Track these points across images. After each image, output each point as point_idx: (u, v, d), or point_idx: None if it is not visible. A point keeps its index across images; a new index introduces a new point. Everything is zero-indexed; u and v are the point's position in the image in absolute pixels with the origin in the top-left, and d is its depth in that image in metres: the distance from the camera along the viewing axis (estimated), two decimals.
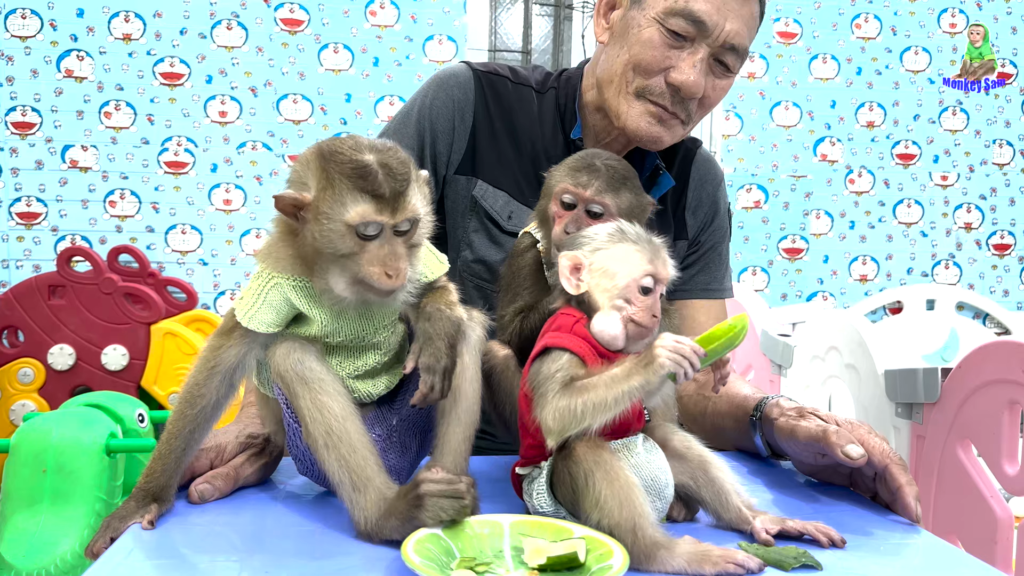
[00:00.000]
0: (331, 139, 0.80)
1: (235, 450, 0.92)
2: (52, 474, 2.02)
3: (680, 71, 1.12)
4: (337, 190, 0.75)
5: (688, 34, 1.11)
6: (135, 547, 0.76)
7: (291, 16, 3.39)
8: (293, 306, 0.82)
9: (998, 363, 1.48)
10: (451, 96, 1.25)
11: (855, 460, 0.86)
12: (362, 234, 0.76)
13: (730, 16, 1.11)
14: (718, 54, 1.13)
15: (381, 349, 0.86)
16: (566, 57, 3.83)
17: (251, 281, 0.83)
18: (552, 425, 0.76)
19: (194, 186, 3.37)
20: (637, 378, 0.74)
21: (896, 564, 0.77)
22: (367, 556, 0.75)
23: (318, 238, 0.76)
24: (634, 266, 0.81)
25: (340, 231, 0.75)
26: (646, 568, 0.72)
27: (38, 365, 3.07)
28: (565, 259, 0.82)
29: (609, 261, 0.82)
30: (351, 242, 0.76)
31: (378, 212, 0.75)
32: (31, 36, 3.25)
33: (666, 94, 1.15)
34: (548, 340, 0.80)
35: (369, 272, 0.76)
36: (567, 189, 0.97)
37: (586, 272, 0.82)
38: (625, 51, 1.16)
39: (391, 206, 0.76)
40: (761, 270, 3.73)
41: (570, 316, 0.82)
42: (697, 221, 1.32)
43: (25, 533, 1.99)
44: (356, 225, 0.75)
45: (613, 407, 0.75)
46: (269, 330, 0.82)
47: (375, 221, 0.75)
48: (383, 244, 0.76)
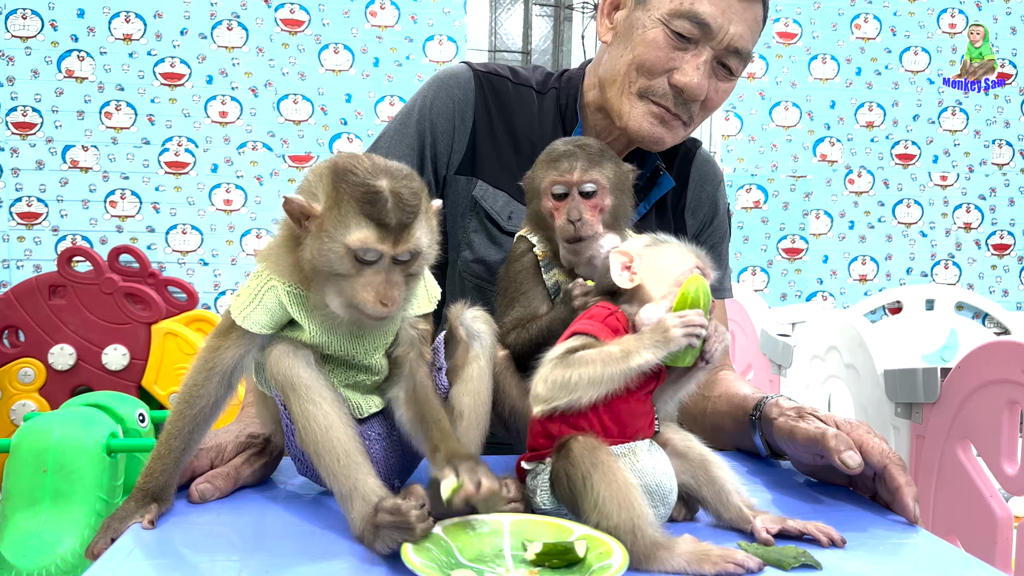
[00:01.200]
0: (350, 155, 0.79)
1: (235, 450, 0.92)
2: (52, 474, 2.02)
3: (684, 73, 1.12)
4: (343, 210, 0.75)
5: (693, 36, 1.11)
6: (135, 547, 0.76)
7: (291, 16, 3.39)
8: (286, 311, 0.82)
9: (998, 363, 1.48)
10: (451, 96, 1.25)
11: (852, 469, 0.87)
12: (360, 259, 0.75)
13: (734, 19, 1.11)
14: (721, 57, 1.13)
15: (373, 371, 0.86)
16: (566, 57, 3.83)
17: (249, 280, 0.83)
18: (541, 391, 0.78)
19: (194, 186, 3.37)
20: (639, 358, 0.76)
21: (896, 564, 0.78)
22: (367, 556, 0.75)
23: (316, 255, 0.76)
24: (684, 259, 0.84)
25: (339, 252, 0.75)
26: (646, 568, 0.72)
27: (39, 365, 3.07)
28: (617, 256, 0.84)
29: (659, 257, 0.84)
30: (348, 264, 0.75)
31: (380, 240, 0.75)
32: (32, 36, 3.26)
33: (669, 95, 1.15)
34: (577, 327, 0.82)
35: (363, 298, 0.76)
36: (555, 180, 0.98)
37: (638, 265, 0.84)
38: (629, 51, 1.16)
39: (394, 236, 0.75)
40: (761, 270, 3.73)
41: (605, 308, 0.83)
42: (697, 221, 1.32)
43: (25, 533, 1.99)
44: (356, 249, 0.75)
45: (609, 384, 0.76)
46: (262, 331, 0.81)
47: (375, 249, 0.75)
48: (380, 271, 0.76)
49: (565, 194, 0.97)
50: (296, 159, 3.42)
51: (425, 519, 0.72)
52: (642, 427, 0.81)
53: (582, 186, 0.97)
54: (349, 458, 0.78)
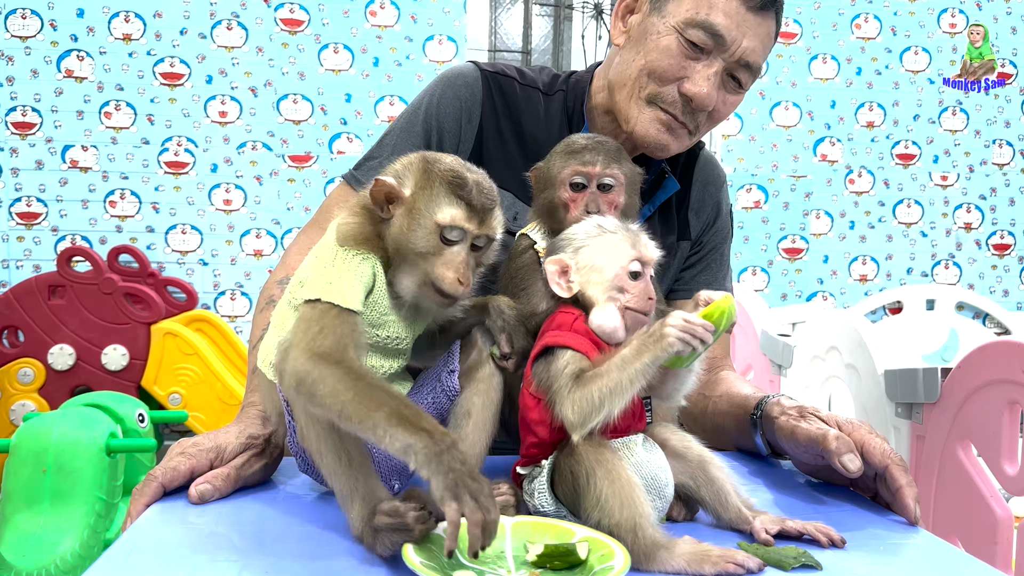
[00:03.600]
0: (434, 152, 0.87)
1: (235, 450, 0.92)
2: (52, 474, 2.02)
3: (694, 82, 1.12)
4: (435, 191, 0.82)
5: (706, 46, 1.11)
6: (135, 547, 0.76)
7: (291, 16, 3.39)
8: (371, 285, 0.82)
9: (998, 363, 1.48)
10: (458, 96, 1.25)
11: (851, 472, 0.87)
12: (446, 237, 0.81)
13: (748, 33, 1.11)
14: (732, 69, 1.13)
15: (404, 356, 0.88)
16: (566, 57, 3.83)
17: (335, 265, 0.81)
18: (574, 419, 0.76)
19: (194, 186, 3.37)
20: (648, 354, 0.75)
21: (896, 564, 0.77)
22: (367, 556, 0.74)
23: (405, 231, 0.81)
24: (619, 254, 0.83)
25: (428, 227, 0.81)
26: (646, 568, 0.72)
27: (38, 365, 3.07)
28: (551, 264, 0.84)
29: (594, 256, 0.83)
30: (434, 241, 0.81)
31: (467, 219, 0.82)
32: (31, 36, 3.26)
33: (678, 103, 1.15)
34: (549, 339, 0.81)
35: (441, 274, 0.81)
36: (576, 171, 0.98)
37: (574, 272, 0.83)
38: (641, 56, 1.15)
39: (479, 217, 0.82)
40: (761, 270, 3.73)
41: (569, 314, 0.83)
42: (700, 222, 1.32)
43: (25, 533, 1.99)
44: (444, 226, 0.81)
45: (629, 388, 0.75)
46: (360, 309, 0.81)
47: (461, 227, 0.81)
48: (460, 253, 0.82)
49: (583, 185, 0.98)
50: (296, 159, 3.42)
51: (424, 521, 0.72)
52: (633, 422, 0.82)
53: (602, 179, 0.98)
54: (351, 457, 0.78)
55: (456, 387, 0.89)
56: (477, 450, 0.87)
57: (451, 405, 0.89)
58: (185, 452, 0.89)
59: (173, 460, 0.89)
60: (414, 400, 0.90)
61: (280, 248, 3.43)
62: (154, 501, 0.86)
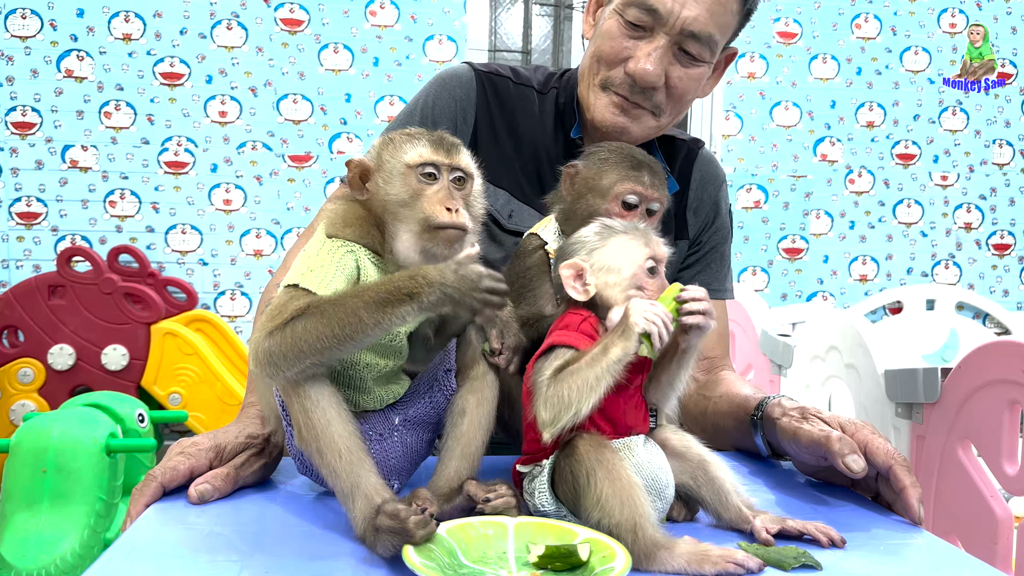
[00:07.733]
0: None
1: (235, 450, 0.92)
2: (52, 474, 2.02)
3: (636, 60, 1.13)
4: (397, 143, 0.87)
5: (645, 24, 1.12)
6: (135, 547, 0.76)
7: (291, 16, 3.39)
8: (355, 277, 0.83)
9: (998, 363, 1.48)
10: (453, 96, 1.25)
11: (855, 473, 0.87)
12: (421, 176, 0.84)
13: (688, 3, 1.11)
14: (680, 42, 1.13)
15: (400, 354, 0.87)
16: (566, 57, 3.83)
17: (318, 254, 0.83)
18: (546, 417, 0.76)
19: (194, 186, 3.37)
20: (615, 349, 0.75)
21: (896, 564, 0.77)
22: (367, 556, 0.74)
23: (384, 187, 0.84)
24: (635, 254, 0.83)
25: (401, 172, 0.84)
26: (646, 568, 0.72)
27: (38, 365, 3.07)
28: (566, 269, 0.83)
29: (609, 257, 0.83)
30: (412, 183, 0.84)
31: (434, 153, 0.85)
32: (31, 36, 3.26)
33: (625, 84, 1.16)
34: (554, 338, 0.81)
35: (430, 211, 0.82)
36: (634, 190, 0.98)
37: (590, 275, 0.83)
38: (593, 45, 1.18)
39: (445, 150, 0.86)
40: (761, 270, 3.73)
41: (577, 315, 0.83)
42: (698, 221, 1.32)
43: (25, 533, 1.99)
44: (414, 164, 0.84)
45: (596, 386, 0.75)
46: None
47: (431, 160, 0.84)
48: (440, 187, 0.84)
49: (636, 205, 0.98)
50: (296, 159, 3.42)
51: (426, 525, 0.71)
52: (636, 423, 0.82)
53: (652, 203, 0.98)
54: (351, 454, 0.78)
55: (454, 386, 0.89)
56: (473, 448, 0.87)
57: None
58: (185, 452, 0.89)
59: (173, 460, 0.89)
60: (413, 400, 0.90)
61: (280, 248, 3.43)
62: (154, 501, 0.86)
